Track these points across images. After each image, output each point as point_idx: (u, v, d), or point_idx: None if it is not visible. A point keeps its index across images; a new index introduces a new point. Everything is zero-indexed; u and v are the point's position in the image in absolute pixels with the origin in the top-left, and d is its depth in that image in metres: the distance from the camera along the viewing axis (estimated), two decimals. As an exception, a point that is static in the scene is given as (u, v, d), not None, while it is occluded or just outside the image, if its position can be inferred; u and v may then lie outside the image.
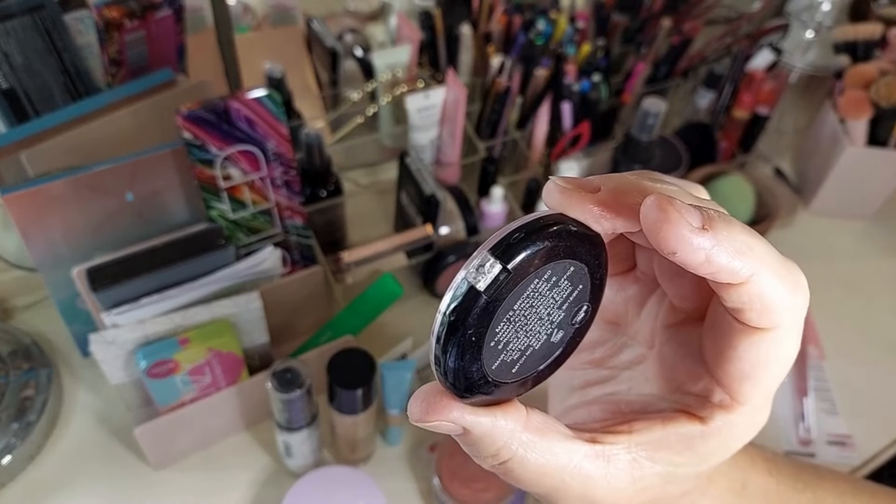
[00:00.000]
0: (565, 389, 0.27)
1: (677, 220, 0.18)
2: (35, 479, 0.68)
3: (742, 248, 0.18)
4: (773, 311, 0.19)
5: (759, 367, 0.20)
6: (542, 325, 0.21)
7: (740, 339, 0.20)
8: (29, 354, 0.74)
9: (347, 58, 0.93)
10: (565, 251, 0.19)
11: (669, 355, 0.24)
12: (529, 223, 0.19)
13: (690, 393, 0.23)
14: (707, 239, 0.18)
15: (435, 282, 0.82)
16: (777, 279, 0.19)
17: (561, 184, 0.20)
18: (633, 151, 0.84)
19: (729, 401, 0.21)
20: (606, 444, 0.22)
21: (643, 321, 0.25)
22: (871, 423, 0.78)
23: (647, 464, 0.22)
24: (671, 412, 0.22)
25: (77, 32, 0.67)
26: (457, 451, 0.69)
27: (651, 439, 0.22)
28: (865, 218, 1.01)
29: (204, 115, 0.60)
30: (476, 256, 0.19)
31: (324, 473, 0.66)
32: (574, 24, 0.95)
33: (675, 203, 0.18)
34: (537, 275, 0.19)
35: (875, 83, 0.90)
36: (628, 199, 0.20)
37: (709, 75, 0.98)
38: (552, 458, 0.21)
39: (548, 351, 0.22)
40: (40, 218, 0.62)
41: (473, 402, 0.21)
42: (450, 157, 0.89)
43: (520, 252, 0.19)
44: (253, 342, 0.70)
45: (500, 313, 0.19)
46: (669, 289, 0.23)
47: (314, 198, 0.79)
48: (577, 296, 0.21)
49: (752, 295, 0.19)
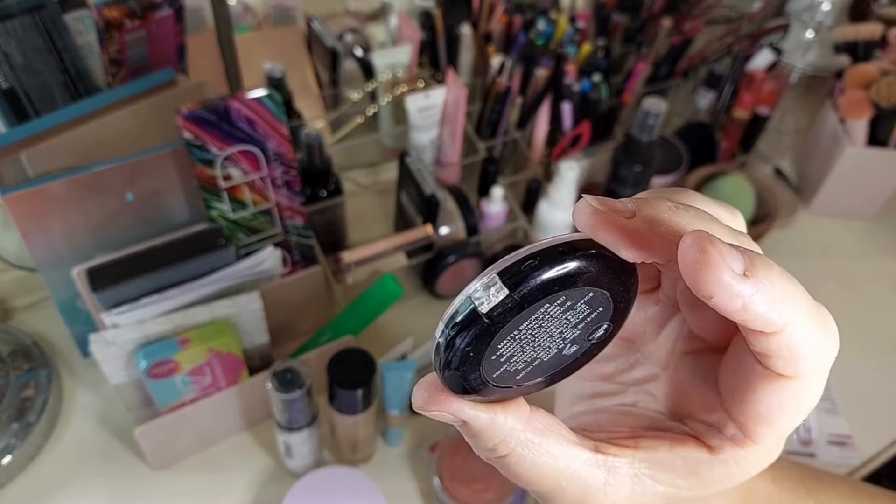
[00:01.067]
0: (572, 396, 0.27)
1: (718, 264, 0.17)
2: (35, 479, 0.68)
3: (780, 297, 0.17)
4: (801, 362, 0.18)
5: (778, 413, 0.20)
6: (552, 341, 0.20)
7: (762, 384, 0.19)
8: (29, 355, 0.74)
9: (347, 58, 0.93)
10: (584, 281, 0.18)
11: (684, 381, 0.23)
12: (547, 250, 0.18)
13: (702, 421, 0.22)
14: (748, 286, 0.17)
15: (435, 282, 0.82)
16: (810, 330, 0.18)
17: (594, 204, 0.19)
18: (634, 151, 0.84)
19: (741, 437, 0.21)
20: (609, 456, 0.21)
21: (660, 343, 0.24)
22: (872, 423, 0.78)
23: (648, 482, 0.22)
24: (680, 435, 0.22)
25: (77, 32, 0.67)
26: (457, 451, 0.69)
27: (656, 458, 0.22)
28: (865, 218, 1.01)
29: (204, 115, 0.60)
30: (486, 274, 0.18)
31: (324, 474, 0.66)
32: (574, 24, 0.95)
33: (716, 244, 0.17)
34: (549, 300, 0.18)
35: (875, 83, 0.90)
36: (663, 229, 0.18)
37: (709, 75, 0.98)
38: (550, 460, 0.21)
39: (558, 362, 0.21)
40: (40, 218, 0.62)
41: (473, 399, 0.20)
42: (450, 157, 0.89)
43: (530, 281, 0.18)
44: (253, 342, 0.70)
45: (503, 334, 0.19)
46: (691, 319, 0.23)
47: (314, 198, 0.79)
48: (597, 317, 0.20)
49: (783, 344, 0.18)
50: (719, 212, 0.21)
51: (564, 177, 0.82)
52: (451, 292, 0.85)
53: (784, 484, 0.29)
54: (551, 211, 0.84)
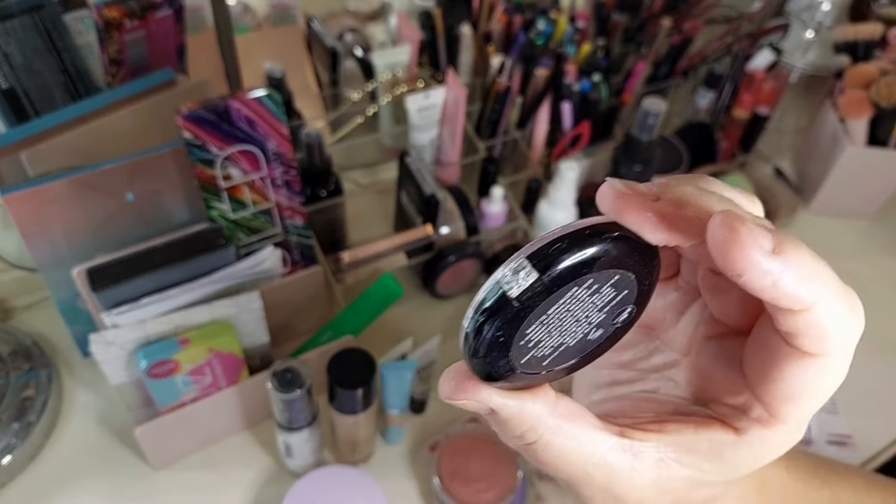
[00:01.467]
0: (590, 385, 0.27)
1: (748, 242, 0.17)
2: (35, 479, 0.68)
3: (809, 275, 0.17)
4: (828, 339, 0.18)
5: (804, 391, 0.20)
6: (578, 325, 0.20)
7: (788, 362, 0.19)
8: (29, 354, 0.74)
9: (347, 58, 0.93)
10: (611, 263, 0.19)
11: (707, 366, 0.23)
12: (575, 233, 0.18)
13: (726, 405, 0.22)
14: (777, 264, 0.17)
15: (435, 282, 0.82)
16: (837, 308, 0.18)
17: (619, 187, 0.19)
18: (634, 151, 0.84)
19: (767, 417, 0.21)
20: (635, 440, 0.21)
21: (681, 329, 0.25)
22: (872, 422, 0.78)
23: (674, 466, 0.22)
24: (705, 418, 0.22)
25: (77, 32, 0.67)
26: (457, 451, 0.69)
27: (681, 442, 0.22)
28: (865, 218, 1.01)
29: (204, 114, 0.60)
30: (514, 259, 0.18)
31: (324, 473, 0.66)
32: (574, 23, 0.95)
33: (746, 223, 0.17)
34: (577, 283, 0.19)
35: (875, 83, 0.90)
36: (689, 211, 0.19)
37: (709, 75, 0.98)
38: (577, 446, 0.21)
39: (583, 346, 0.21)
40: (40, 218, 0.62)
41: (500, 386, 0.20)
42: (450, 156, 0.89)
43: (559, 263, 0.18)
44: (253, 342, 0.70)
45: (532, 318, 0.19)
46: (713, 304, 0.23)
47: (314, 198, 0.79)
48: (622, 299, 0.20)
49: (810, 322, 0.18)
50: (739, 199, 0.21)
51: (564, 177, 0.82)
52: (451, 292, 0.85)
53: (798, 474, 0.29)
54: (551, 211, 0.84)
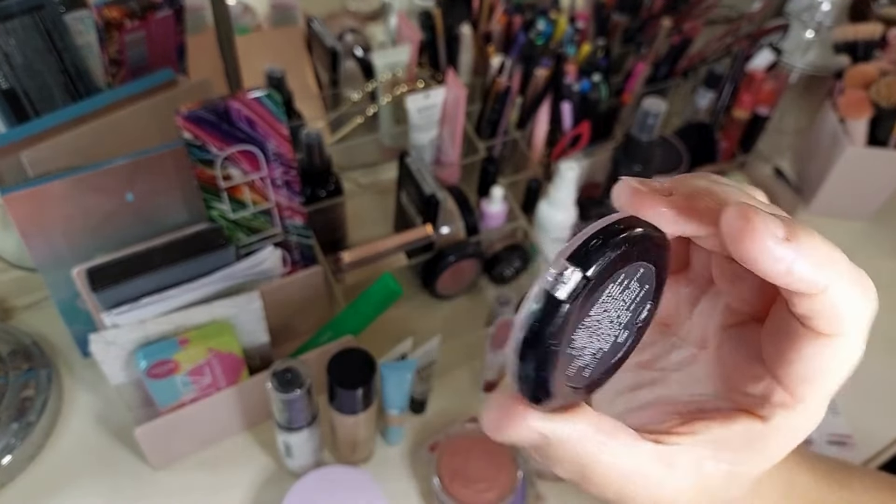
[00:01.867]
0: (613, 393, 0.27)
1: (761, 231, 0.18)
2: (35, 479, 0.68)
3: (821, 260, 0.18)
4: (843, 320, 0.19)
5: (823, 372, 0.20)
6: (611, 327, 0.21)
7: (805, 344, 0.20)
8: (29, 354, 0.74)
9: (347, 58, 0.93)
10: (639, 254, 0.19)
11: (728, 356, 0.24)
12: (606, 228, 0.19)
13: (748, 394, 0.22)
14: (790, 250, 0.18)
15: (435, 282, 0.82)
16: (850, 289, 0.19)
17: (634, 185, 0.20)
18: (633, 151, 0.84)
19: (790, 400, 0.21)
20: (671, 446, 0.22)
21: (695, 322, 0.25)
22: (872, 422, 0.78)
23: (711, 464, 0.22)
24: (730, 411, 0.22)
25: (77, 32, 0.67)
26: (457, 451, 0.69)
27: (713, 439, 0.22)
28: (865, 218, 1.01)
29: (204, 115, 0.60)
30: (553, 266, 0.19)
31: (324, 473, 0.66)
32: (574, 24, 0.95)
33: (759, 212, 0.18)
34: (613, 279, 0.19)
35: (875, 83, 0.90)
36: (701, 203, 0.20)
37: (709, 75, 0.98)
38: (622, 461, 0.21)
39: (614, 351, 0.22)
40: (40, 218, 0.62)
41: (548, 408, 0.20)
42: (450, 157, 0.89)
43: (599, 258, 0.18)
44: (253, 342, 0.70)
45: (579, 320, 0.19)
46: (730, 293, 0.23)
47: (314, 198, 0.79)
48: (644, 295, 0.21)
49: (825, 304, 0.19)
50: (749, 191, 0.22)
51: (564, 177, 0.82)
52: (451, 292, 0.85)
53: (818, 476, 0.29)
54: (551, 211, 0.84)
